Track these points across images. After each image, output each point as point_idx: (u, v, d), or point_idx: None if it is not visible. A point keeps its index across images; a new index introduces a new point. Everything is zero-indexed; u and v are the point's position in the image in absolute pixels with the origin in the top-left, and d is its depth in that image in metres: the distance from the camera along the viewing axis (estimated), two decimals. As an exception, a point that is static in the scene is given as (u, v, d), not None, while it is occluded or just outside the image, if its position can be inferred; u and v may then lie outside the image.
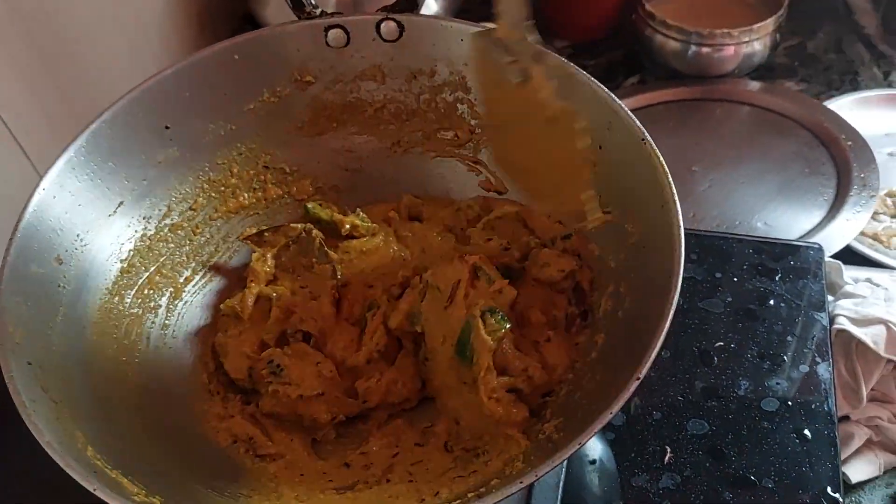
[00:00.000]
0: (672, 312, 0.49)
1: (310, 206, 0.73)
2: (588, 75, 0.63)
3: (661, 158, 0.57)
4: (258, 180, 0.74)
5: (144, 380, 0.63)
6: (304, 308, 0.68)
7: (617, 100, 0.61)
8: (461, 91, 0.70)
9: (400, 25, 0.68)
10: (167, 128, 0.67)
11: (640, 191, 0.58)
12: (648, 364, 0.47)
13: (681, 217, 0.54)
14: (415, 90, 0.72)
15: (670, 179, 0.56)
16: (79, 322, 0.60)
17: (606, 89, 0.62)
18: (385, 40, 0.69)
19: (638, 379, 0.46)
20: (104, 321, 0.62)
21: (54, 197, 0.60)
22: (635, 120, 0.60)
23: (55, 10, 0.80)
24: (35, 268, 0.57)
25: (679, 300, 0.49)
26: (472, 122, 0.72)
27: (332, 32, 0.69)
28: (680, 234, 0.53)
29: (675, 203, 0.55)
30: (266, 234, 0.71)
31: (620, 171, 0.61)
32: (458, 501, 0.50)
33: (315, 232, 0.70)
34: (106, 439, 0.52)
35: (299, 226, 0.71)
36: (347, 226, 0.71)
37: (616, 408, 0.45)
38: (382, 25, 0.69)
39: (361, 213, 0.73)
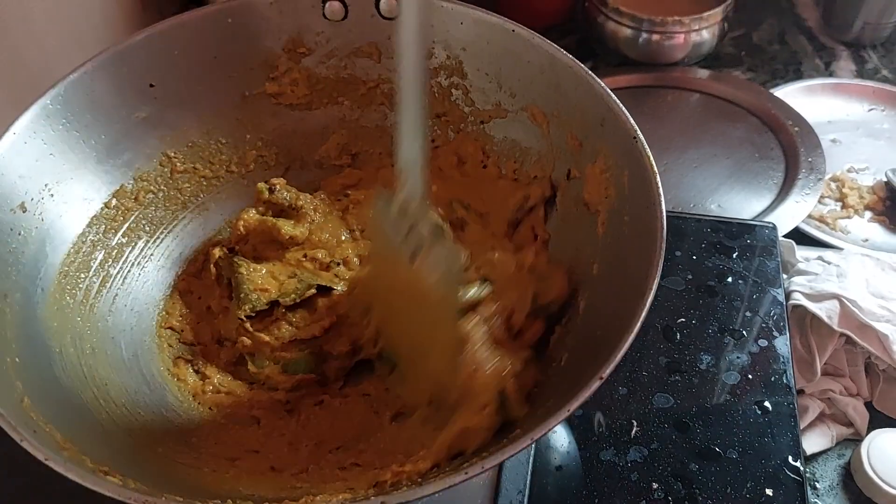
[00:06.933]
0: (644, 313, 0.47)
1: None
2: (586, 69, 0.61)
3: (652, 158, 0.55)
4: (241, 149, 0.72)
5: (99, 341, 0.61)
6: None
7: (613, 95, 0.59)
8: (457, 76, 0.68)
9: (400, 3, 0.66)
10: (152, 86, 0.66)
11: (628, 189, 0.56)
12: (614, 364, 0.45)
13: (665, 219, 0.52)
14: (410, 71, 0.70)
15: (658, 180, 0.54)
16: (38, 273, 0.58)
17: (603, 84, 0.60)
18: (384, 17, 0.68)
19: (601, 378, 0.44)
20: (65, 276, 0.60)
21: (25, 143, 0.58)
22: (629, 118, 0.57)
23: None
24: (-5, 212, 0.55)
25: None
26: (466, 109, 0.70)
27: (329, 5, 0.68)
28: (662, 236, 0.51)
29: (661, 204, 0.52)
30: None
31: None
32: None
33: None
34: (47, 393, 0.50)
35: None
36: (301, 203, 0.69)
37: (574, 405, 0.43)
38: (382, 2, 0.67)
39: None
